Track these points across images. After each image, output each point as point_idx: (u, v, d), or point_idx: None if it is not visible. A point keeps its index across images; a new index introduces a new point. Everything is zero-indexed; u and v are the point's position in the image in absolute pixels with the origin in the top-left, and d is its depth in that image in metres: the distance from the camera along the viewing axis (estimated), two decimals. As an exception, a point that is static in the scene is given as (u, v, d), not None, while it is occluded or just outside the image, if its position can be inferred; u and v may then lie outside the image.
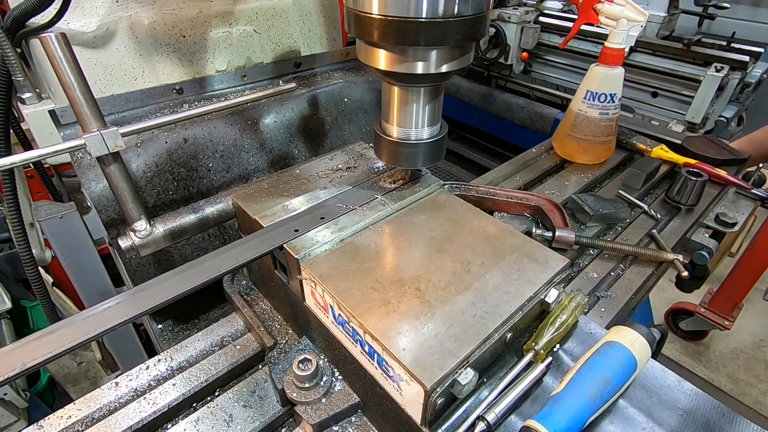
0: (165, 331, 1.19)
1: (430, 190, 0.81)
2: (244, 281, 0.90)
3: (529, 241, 0.70)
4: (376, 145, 0.81)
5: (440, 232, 0.71)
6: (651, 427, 0.59)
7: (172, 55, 1.19)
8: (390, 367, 0.54)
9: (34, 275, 1.18)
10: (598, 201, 1.11)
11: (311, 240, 0.68)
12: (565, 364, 0.65)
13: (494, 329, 0.56)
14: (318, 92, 1.38)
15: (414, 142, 0.76)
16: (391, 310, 0.58)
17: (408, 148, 0.77)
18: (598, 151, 1.32)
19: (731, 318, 2.42)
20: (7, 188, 1.08)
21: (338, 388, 0.67)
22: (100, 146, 0.71)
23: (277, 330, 0.79)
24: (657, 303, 2.84)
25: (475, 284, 0.62)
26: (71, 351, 0.51)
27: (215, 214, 0.82)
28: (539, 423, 0.53)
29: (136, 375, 0.73)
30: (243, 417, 0.68)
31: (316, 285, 0.63)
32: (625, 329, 0.64)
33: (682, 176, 1.16)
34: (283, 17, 1.35)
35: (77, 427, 0.66)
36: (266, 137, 1.28)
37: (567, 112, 1.34)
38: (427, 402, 0.51)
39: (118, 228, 1.05)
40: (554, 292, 0.64)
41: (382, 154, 0.81)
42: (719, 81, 2.08)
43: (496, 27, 2.62)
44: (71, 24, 1.04)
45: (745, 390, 2.52)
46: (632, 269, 0.99)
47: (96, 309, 0.55)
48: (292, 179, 0.84)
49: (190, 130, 1.15)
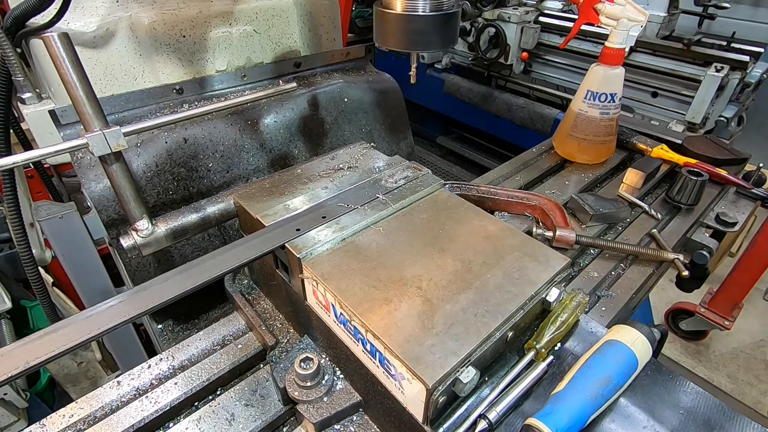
0: (165, 331, 1.19)
1: (431, 189, 0.81)
2: (246, 280, 0.90)
3: (530, 241, 0.70)
4: (377, 27, 0.72)
5: (441, 231, 0.71)
6: (652, 425, 0.59)
7: (172, 55, 1.19)
8: (392, 365, 0.54)
9: (34, 275, 1.18)
10: (598, 201, 1.11)
11: (313, 239, 0.68)
12: (566, 363, 0.65)
13: (495, 328, 0.56)
14: (318, 92, 1.38)
15: (422, 14, 0.66)
16: (392, 309, 0.58)
17: (415, 24, 0.66)
18: (598, 151, 1.32)
19: (731, 318, 2.43)
20: (7, 188, 1.08)
21: (340, 386, 0.67)
22: (102, 146, 0.71)
23: (278, 329, 0.79)
24: (657, 303, 2.84)
25: (476, 283, 0.62)
26: (73, 350, 0.51)
27: (216, 214, 0.82)
28: (540, 421, 0.53)
29: (138, 374, 0.73)
30: (245, 416, 0.68)
31: (318, 284, 0.63)
32: (626, 328, 0.64)
33: (683, 176, 1.16)
34: (283, 17, 1.35)
35: (79, 425, 0.66)
36: (266, 137, 1.28)
37: (567, 111, 1.34)
38: (429, 400, 0.51)
39: (118, 228, 1.05)
40: (555, 291, 0.64)
41: (383, 36, 0.71)
42: (719, 81, 2.09)
43: (496, 27, 2.62)
44: (71, 24, 1.04)
45: (745, 390, 2.53)
46: (632, 269, 1.00)
47: (97, 308, 0.55)
48: (294, 179, 0.84)
49: (190, 130, 1.15)
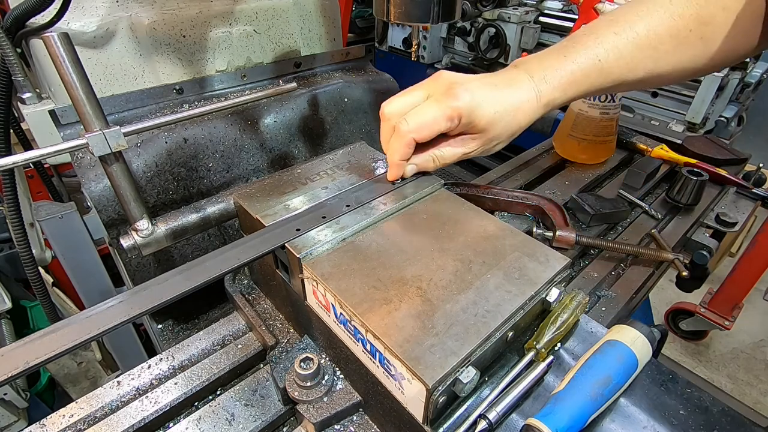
0: (165, 331, 1.19)
1: (430, 189, 0.81)
2: (246, 281, 0.90)
3: (530, 241, 0.70)
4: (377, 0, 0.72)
5: (441, 231, 0.71)
6: (652, 425, 0.59)
7: (172, 55, 1.19)
8: (392, 365, 0.54)
9: (34, 275, 1.18)
10: (598, 201, 1.11)
11: (313, 239, 0.68)
12: (566, 363, 0.65)
13: (496, 328, 0.56)
14: (318, 92, 1.38)
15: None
16: (392, 309, 0.58)
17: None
18: (598, 151, 1.32)
19: (731, 318, 2.43)
20: (7, 188, 1.08)
21: (340, 386, 0.67)
22: (102, 146, 0.71)
23: (278, 329, 0.80)
24: (657, 303, 2.85)
25: (476, 283, 0.62)
26: (74, 350, 0.51)
27: (217, 214, 0.82)
28: (540, 421, 0.53)
29: (137, 374, 0.73)
30: (245, 416, 0.68)
31: (318, 284, 0.63)
32: (626, 328, 0.64)
33: (683, 176, 1.16)
34: (283, 17, 1.35)
35: (79, 425, 0.66)
36: (266, 137, 1.28)
37: (567, 111, 1.34)
38: (429, 400, 0.51)
39: (118, 228, 1.05)
40: (555, 291, 0.64)
41: (385, 8, 0.72)
42: (719, 81, 2.09)
43: (496, 27, 2.62)
44: (71, 24, 1.04)
45: (745, 390, 2.53)
46: (633, 269, 1.00)
47: (98, 308, 0.55)
48: (294, 179, 0.84)
49: (190, 130, 1.15)
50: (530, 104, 0.73)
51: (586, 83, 0.74)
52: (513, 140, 0.79)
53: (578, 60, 0.73)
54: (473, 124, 0.72)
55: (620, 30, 0.73)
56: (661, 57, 0.73)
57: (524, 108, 0.73)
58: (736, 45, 0.73)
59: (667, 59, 0.74)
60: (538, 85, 0.73)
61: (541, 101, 0.74)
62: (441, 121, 0.71)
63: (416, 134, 0.72)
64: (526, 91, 0.73)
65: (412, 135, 0.72)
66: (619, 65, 0.73)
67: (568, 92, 0.74)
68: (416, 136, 0.72)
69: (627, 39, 0.72)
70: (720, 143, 1.40)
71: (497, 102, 0.72)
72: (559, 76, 0.73)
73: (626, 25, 0.73)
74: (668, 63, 0.74)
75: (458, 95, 0.70)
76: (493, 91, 0.72)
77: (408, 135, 0.72)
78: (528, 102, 0.73)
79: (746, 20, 0.70)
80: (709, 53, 0.73)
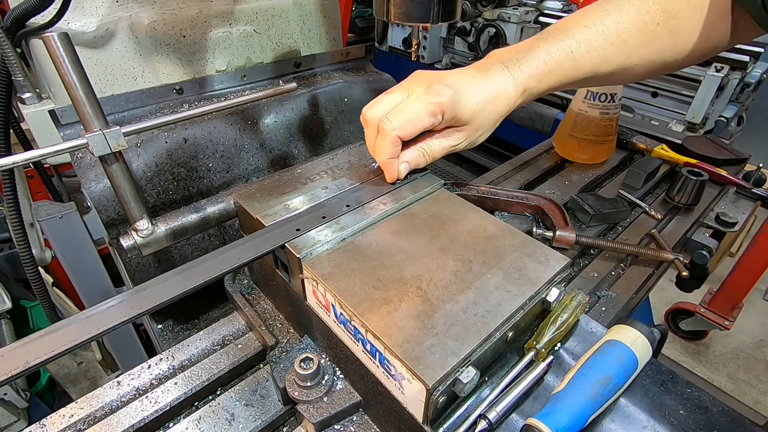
0: (165, 331, 1.19)
1: (430, 189, 0.81)
2: (246, 281, 0.90)
3: (530, 241, 0.70)
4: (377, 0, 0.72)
5: (441, 231, 0.71)
6: (652, 425, 0.59)
7: (172, 55, 1.19)
8: (392, 365, 0.54)
9: (34, 275, 1.18)
10: (598, 200, 1.11)
11: (313, 239, 0.68)
12: (566, 363, 0.65)
13: (495, 328, 0.56)
14: (318, 92, 1.38)
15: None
16: (392, 309, 0.58)
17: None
18: (598, 151, 1.32)
19: (731, 318, 2.43)
20: (7, 188, 1.08)
21: (340, 386, 0.67)
22: (102, 146, 0.71)
23: (278, 329, 0.80)
24: (657, 303, 2.85)
25: (476, 283, 0.62)
26: (74, 350, 0.51)
27: (216, 214, 0.82)
28: (540, 421, 0.53)
29: (137, 374, 0.73)
30: (245, 416, 0.68)
31: (318, 284, 0.63)
32: (626, 328, 0.64)
33: (683, 176, 1.16)
34: (283, 17, 1.35)
35: (79, 425, 0.66)
36: (266, 137, 1.28)
37: (567, 111, 1.34)
38: (429, 400, 0.51)
39: (118, 228, 1.05)
40: (555, 291, 0.64)
41: (385, 8, 0.72)
42: (719, 81, 2.09)
43: (496, 27, 2.62)
44: (71, 24, 1.04)
45: (745, 390, 2.53)
46: (632, 269, 1.00)
47: (98, 308, 0.55)
48: (294, 179, 0.84)
49: (190, 130, 1.15)
50: (508, 92, 0.75)
51: (560, 73, 0.76)
52: (495, 130, 0.81)
53: (551, 50, 0.75)
54: (457, 118, 0.73)
55: (590, 23, 0.75)
56: (632, 50, 0.75)
57: (502, 96, 0.75)
58: (705, 38, 0.74)
59: (638, 52, 0.76)
60: (514, 73, 0.75)
61: (518, 89, 0.75)
62: (424, 117, 0.71)
63: (400, 131, 0.72)
64: (502, 80, 0.74)
65: (396, 132, 0.72)
66: (591, 57, 0.75)
67: (543, 82, 0.76)
68: (400, 133, 0.72)
69: (597, 32, 0.74)
70: (720, 143, 1.40)
71: (477, 93, 0.73)
72: (534, 66, 0.75)
73: (596, 19, 0.75)
74: (639, 56, 0.76)
75: (439, 91, 0.71)
76: (472, 84, 0.73)
77: (392, 133, 0.72)
78: (506, 90, 0.74)
79: (713, 14, 0.72)
80: (678, 47, 0.75)
